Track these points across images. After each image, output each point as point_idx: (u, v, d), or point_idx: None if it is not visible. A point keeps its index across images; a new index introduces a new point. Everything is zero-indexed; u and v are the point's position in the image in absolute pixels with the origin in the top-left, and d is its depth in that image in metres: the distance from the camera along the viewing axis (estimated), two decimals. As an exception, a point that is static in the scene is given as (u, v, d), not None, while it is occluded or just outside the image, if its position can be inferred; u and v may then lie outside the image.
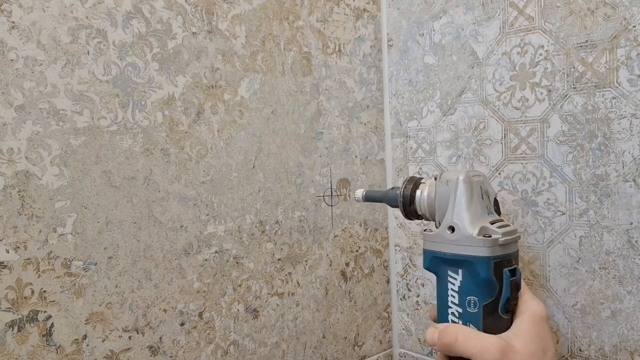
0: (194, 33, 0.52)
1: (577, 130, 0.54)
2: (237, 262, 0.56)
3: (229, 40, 0.55)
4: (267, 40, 0.59)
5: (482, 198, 0.41)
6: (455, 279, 0.40)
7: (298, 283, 0.63)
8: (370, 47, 0.72)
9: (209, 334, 0.54)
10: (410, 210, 0.45)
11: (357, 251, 0.70)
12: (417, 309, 0.72)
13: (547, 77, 0.55)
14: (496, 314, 0.39)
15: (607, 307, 0.53)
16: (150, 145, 0.49)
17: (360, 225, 0.71)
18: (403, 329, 0.74)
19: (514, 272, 0.39)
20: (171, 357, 0.51)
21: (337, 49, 0.67)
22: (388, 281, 0.75)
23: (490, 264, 0.38)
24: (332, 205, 0.67)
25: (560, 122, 0.55)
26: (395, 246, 0.74)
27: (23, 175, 0.42)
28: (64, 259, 0.44)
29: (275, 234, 0.60)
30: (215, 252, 0.54)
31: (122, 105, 0.47)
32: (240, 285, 0.57)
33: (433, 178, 0.44)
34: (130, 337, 0.48)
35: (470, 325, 0.39)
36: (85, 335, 0.45)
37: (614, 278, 0.52)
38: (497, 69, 0.60)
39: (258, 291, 0.59)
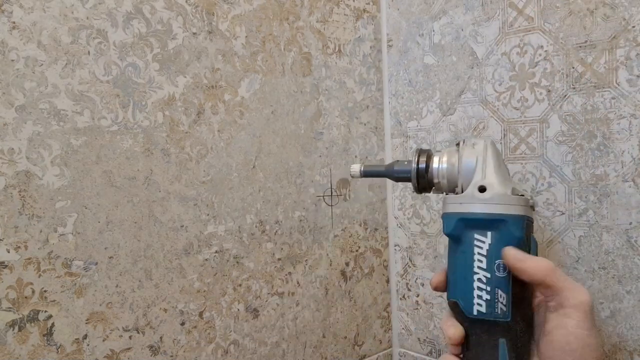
0: (194, 33, 0.52)
1: (576, 130, 0.54)
2: (237, 262, 0.57)
3: (229, 40, 0.55)
4: (267, 40, 0.59)
5: (504, 165, 0.41)
6: (484, 242, 0.38)
7: (298, 283, 0.63)
8: (370, 47, 0.72)
9: (209, 333, 0.54)
10: (424, 182, 0.43)
11: (357, 251, 0.70)
12: (416, 308, 0.72)
13: (546, 77, 0.55)
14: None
15: (606, 306, 0.53)
16: (151, 146, 0.49)
17: (360, 225, 0.71)
18: (403, 328, 0.75)
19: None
20: (171, 356, 0.51)
21: (337, 50, 0.67)
22: (388, 281, 0.75)
23: (524, 223, 0.37)
24: (332, 205, 0.67)
25: (560, 122, 0.55)
26: (395, 246, 0.74)
27: (24, 175, 0.42)
28: (65, 258, 0.44)
29: (275, 234, 0.60)
30: (216, 251, 0.54)
31: (123, 105, 0.47)
32: (240, 285, 0.57)
33: (455, 145, 0.43)
34: (130, 337, 0.48)
35: (499, 291, 0.37)
36: (86, 335, 0.45)
37: (613, 278, 0.52)
38: (496, 69, 0.60)
39: (258, 291, 0.59)
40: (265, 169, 0.59)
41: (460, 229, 0.39)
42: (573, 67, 0.53)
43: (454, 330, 0.38)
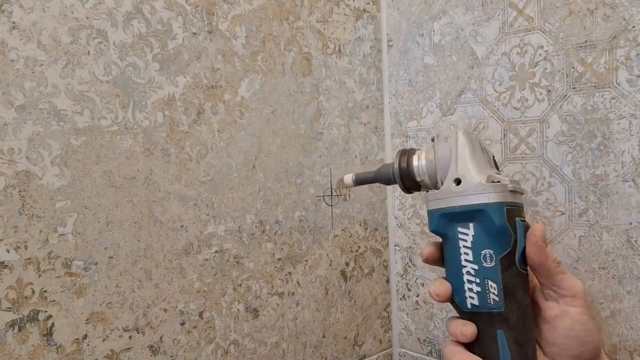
0: (194, 33, 0.52)
1: (576, 130, 0.54)
2: (237, 262, 0.57)
3: (229, 40, 0.55)
4: (267, 40, 0.59)
5: (483, 153, 0.40)
6: (467, 234, 0.37)
7: (298, 283, 0.63)
8: (370, 47, 0.72)
9: (209, 333, 0.54)
10: (409, 181, 0.43)
11: (357, 251, 0.70)
12: (417, 308, 0.72)
13: (546, 77, 0.55)
14: (514, 267, 0.37)
15: (606, 306, 0.53)
16: (151, 146, 0.49)
17: (360, 225, 0.71)
18: (403, 328, 0.74)
19: (524, 225, 0.38)
20: (171, 356, 0.51)
21: (337, 49, 0.67)
22: (388, 281, 0.75)
23: (503, 210, 0.36)
24: (332, 205, 0.67)
25: (560, 122, 0.55)
26: (395, 246, 0.74)
27: (24, 175, 0.42)
28: (65, 258, 0.44)
29: (275, 234, 0.60)
30: (216, 251, 0.54)
31: (123, 105, 0.47)
32: (240, 285, 0.57)
33: (430, 140, 0.42)
34: (130, 337, 0.48)
35: (489, 281, 0.37)
36: (86, 335, 0.45)
37: (613, 278, 0.52)
38: (496, 69, 0.60)
39: (258, 291, 0.59)
40: (265, 169, 0.59)
41: (443, 225, 0.39)
42: (573, 67, 0.53)
43: (463, 329, 0.38)
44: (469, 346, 0.38)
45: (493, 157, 0.42)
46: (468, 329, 0.37)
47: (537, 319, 0.40)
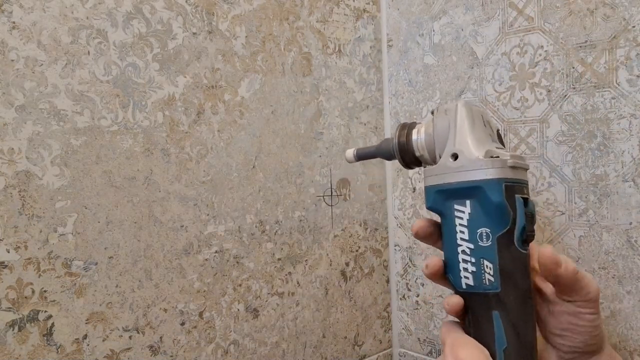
0: (194, 33, 0.52)
1: (576, 130, 0.54)
2: (237, 262, 0.57)
3: (229, 40, 0.55)
4: (267, 40, 0.59)
5: (485, 126, 0.38)
6: (463, 211, 0.36)
7: (298, 283, 0.63)
8: (370, 47, 0.72)
9: (209, 333, 0.54)
10: (408, 156, 0.41)
11: (357, 251, 0.70)
12: (416, 308, 0.72)
13: (546, 77, 0.55)
14: (513, 247, 0.35)
15: (606, 307, 0.53)
16: (151, 146, 0.49)
17: (360, 225, 0.71)
18: (403, 328, 0.74)
19: (526, 203, 0.36)
20: (171, 356, 0.51)
21: (337, 49, 0.67)
22: (388, 281, 0.75)
23: (502, 187, 0.34)
24: (332, 205, 0.67)
25: (560, 122, 0.55)
26: (395, 246, 0.74)
27: (24, 175, 0.42)
28: (65, 258, 0.44)
29: (275, 234, 0.60)
30: (216, 251, 0.54)
31: (123, 105, 0.47)
32: (240, 285, 0.57)
33: (430, 113, 0.41)
34: (130, 337, 0.48)
35: (485, 261, 0.35)
36: (86, 335, 0.45)
37: (613, 278, 0.52)
38: (496, 69, 0.60)
39: (258, 291, 0.59)
40: (265, 169, 0.59)
41: (439, 202, 0.37)
42: (573, 67, 0.53)
43: (449, 299, 0.37)
44: (467, 328, 0.37)
45: (498, 131, 0.40)
46: (453, 300, 0.36)
47: (541, 307, 0.38)
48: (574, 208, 0.54)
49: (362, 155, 0.46)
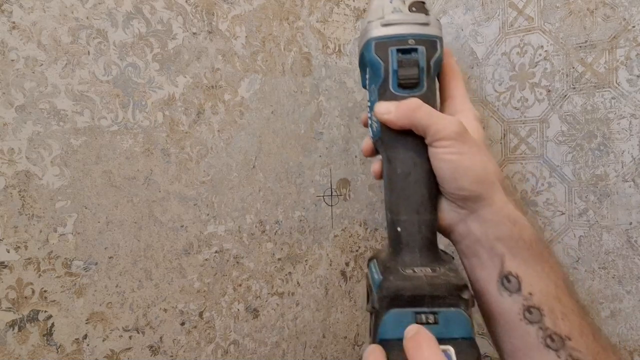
0: (194, 33, 0.52)
1: (576, 130, 0.54)
2: (237, 262, 0.57)
3: (229, 40, 0.55)
4: (267, 40, 0.59)
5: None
6: (366, 78, 0.41)
7: (298, 283, 0.63)
8: (370, 47, 0.72)
9: (209, 333, 0.54)
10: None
11: (357, 251, 0.70)
12: (416, 308, 0.72)
13: (546, 77, 0.55)
14: (389, 91, 0.39)
15: (606, 306, 0.53)
16: (151, 146, 0.49)
17: (360, 225, 0.71)
18: (403, 328, 0.74)
19: (407, 52, 0.38)
20: (171, 356, 0.51)
21: (337, 49, 0.67)
22: (388, 281, 0.75)
23: (371, 45, 0.39)
24: (332, 205, 0.67)
25: (560, 122, 0.55)
26: (395, 246, 0.74)
27: (24, 175, 0.42)
28: (65, 258, 0.44)
29: (275, 234, 0.60)
30: (216, 252, 0.54)
31: (123, 105, 0.47)
32: (240, 285, 0.57)
33: None
34: (130, 337, 0.48)
35: (371, 112, 0.40)
36: (86, 335, 0.45)
37: (613, 278, 0.52)
38: (496, 69, 0.60)
39: (258, 291, 0.59)
40: (265, 169, 0.59)
41: (363, 76, 0.43)
42: (573, 67, 0.53)
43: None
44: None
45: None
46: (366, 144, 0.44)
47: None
48: (574, 208, 0.54)
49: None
